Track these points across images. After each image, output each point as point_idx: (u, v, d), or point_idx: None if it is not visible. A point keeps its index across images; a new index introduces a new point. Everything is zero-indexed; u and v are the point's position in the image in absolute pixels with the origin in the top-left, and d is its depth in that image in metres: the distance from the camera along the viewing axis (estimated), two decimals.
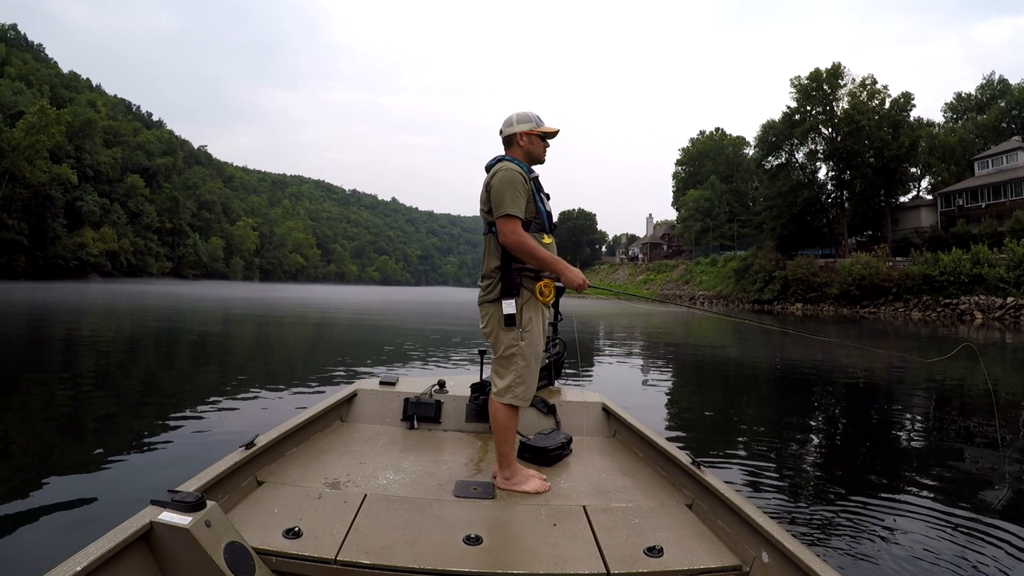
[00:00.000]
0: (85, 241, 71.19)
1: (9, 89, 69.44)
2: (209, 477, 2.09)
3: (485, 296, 2.54)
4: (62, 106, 73.29)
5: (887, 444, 5.37)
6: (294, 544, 1.92)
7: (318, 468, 2.65)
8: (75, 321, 16.90)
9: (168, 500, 1.67)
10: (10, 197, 60.69)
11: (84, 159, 75.10)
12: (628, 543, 2.05)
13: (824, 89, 46.12)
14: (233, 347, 12.15)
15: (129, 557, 1.56)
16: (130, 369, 8.72)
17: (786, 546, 1.79)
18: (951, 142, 51.91)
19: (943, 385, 9.09)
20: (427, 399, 3.43)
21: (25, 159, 60.48)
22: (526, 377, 2.51)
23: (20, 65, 79.62)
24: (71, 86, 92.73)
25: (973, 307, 29.90)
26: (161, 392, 6.98)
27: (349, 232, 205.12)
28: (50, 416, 5.47)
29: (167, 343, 12.33)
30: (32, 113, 61.95)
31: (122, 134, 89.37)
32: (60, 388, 6.84)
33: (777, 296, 41.92)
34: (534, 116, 2.63)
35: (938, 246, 36.02)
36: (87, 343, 11.79)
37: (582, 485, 2.62)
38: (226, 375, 8.57)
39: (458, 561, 1.88)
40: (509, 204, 2.39)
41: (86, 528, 2.64)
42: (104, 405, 6.11)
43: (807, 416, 6.91)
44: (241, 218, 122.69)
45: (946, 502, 3.70)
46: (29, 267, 62.76)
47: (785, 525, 3.06)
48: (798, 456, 5.00)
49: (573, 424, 3.32)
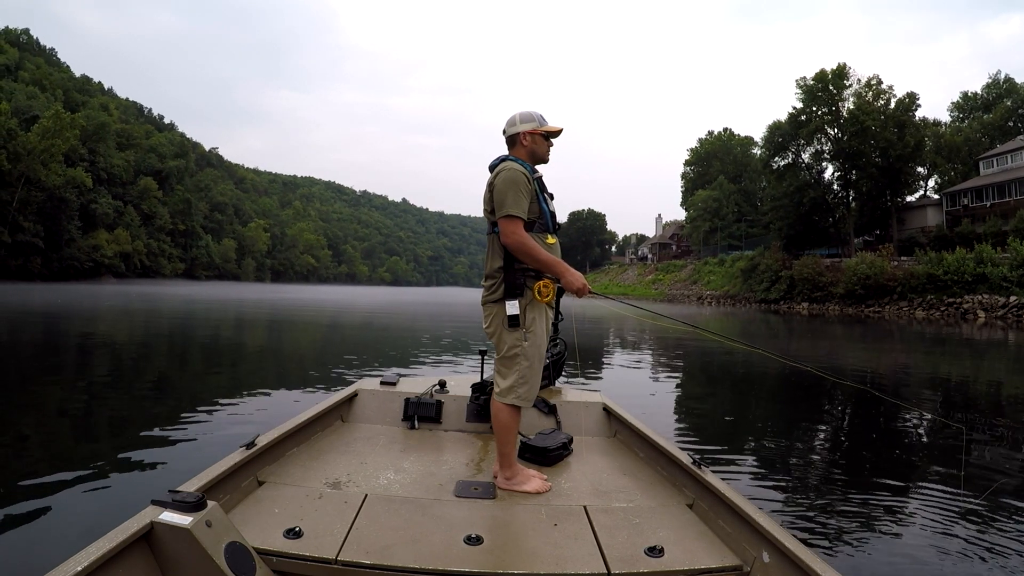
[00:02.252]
0: (99, 243, 72.00)
1: (24, 94, 70.38)
2: (210, 477, 2.10)
3: (488, 296, 2.54)
4: (75, 110, 74.21)
5: (888, 444, 5.32)
6: (295, 544, 1.92)
7: (319, 468, 2.65)
8: (82, 323, 17.05)
9: (169, 500, 1.67)
10: (26, 200, 61.51)
11: (98, 162, 75.97)
12: (629, 543, 2.05)
13: (830, 90, 46.17)
14: (237, 348, 12.20)
15: (130, 557, 1.57)
16: (133, 369, 8.78)
17: (787, 546, 1.78)
18: (957, 141, 51.89)
19: (944, 385, 9.01)
20: (428, 399, 3.43)
21: (40, 163, 61.28)
22: (529, 377, 2.51)
23: (33, 69, 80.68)
24: (83, 89, 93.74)
25: (976, 306, 29.95)
26: (163, 392, 7.02)
27: (360, 233, 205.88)
28: (51, 416, 5.50)
29: (173, 345, 12.39)
30: (47, 117, 62.81)
31: (134, 137, 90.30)
32: (61, 388, 6.90)
33: (783, 296, 42.10)
34: (537, 115, 2.62)
35: (943, 245, 36.04)
36: (91, 344, 11.90)
37: (583, 485, 2.61)
38: (228, 376, 8.61)
39: (459, 561, 1.88)
40: (511, 205, 2.39)
41: (87, 528, 2.65)
42: (105, 405, 6.15)
43: (808, 416, 6.88)
44: (253, 219, 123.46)
45: (947, 501, 3.68)
46: (45, 269, 63.51)
47: (786, 525, 3.04)
48: (799, 456, 4.98)
49: (574, 424, 3.31)
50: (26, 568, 2.42)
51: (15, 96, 67.63)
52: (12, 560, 2.54)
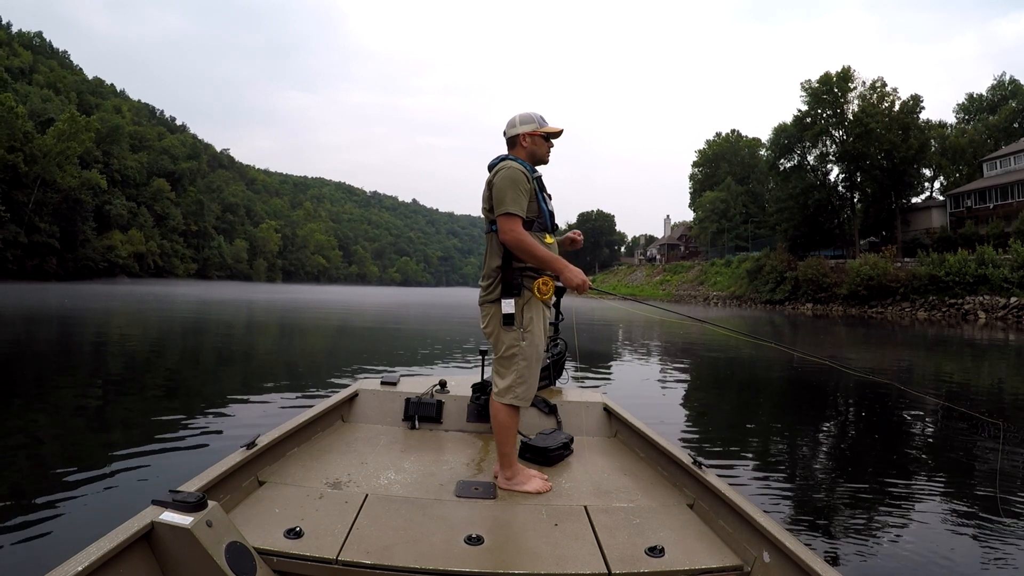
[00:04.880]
0: (114, 244, 72.96)
1: (38, 97, 71.40)
2: (210, 477, 2.11)
3: (486, 296, 2.54)
4: (89, 112, 75.25)
5: (889, 443, 5.30)
6: (295, 544, 1.92)
7: (319, 468, 2.65)
8: (89, 324, 17.20)
9: (169, 500, 1.67)
10: (42, 202, 62.42)
11: (112, 164, 76.99)
12: (629, 543, 2.04)
13: (834, 93, 46.18)
14: (240, 349, 12.22)
15: (130, 557, 1.57)
16: (134, 369, 8.81)
17: (787, 546, 1.78)
18: (962, 143, 51.82)
19: (945, 385, 8.93)
20: (428, 399, 3.43)
21: (56, 165, 62.20)
22: (527, 377, 2.51)
23: (47, 72, 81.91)
24: (96, 92, 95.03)
25: (977, 307, 30.08)
26: (163, 392, 7.03)
27: (370, 233, 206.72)
28: (51, 416, 5.53)
29: (178, 345, 12.42)
30: (63, 120, 63.75)
31: (147, 139, 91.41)
32: (61, 389, 6.96)
33: (788, 296, 42.32)
34: (537, 116, 2.62)
35: (946, 247, 36.10)
36: (93, 345, 11.98)
37: (583, 485, 2.61)
38: (229, 376, 8.64)
39: (459, 561, 1.88)
40: (510, 202, 2.39)
41: (87, 528, 2.64)
42: (105, 405, 6.19)
43: (808, 416, 6.85)
44: (264, 220, 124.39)
45: (948, 502, 3.67)
46: (60, 269, 64.42)
47: (786, 525, 3.03)
48: (800, 456, 4.96)
49: (574, 424, 3.31)
50: (26, 568, 2.43)
51: (30, 99, 68.63)
52: (12, 560, 2.55)
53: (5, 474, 3.78)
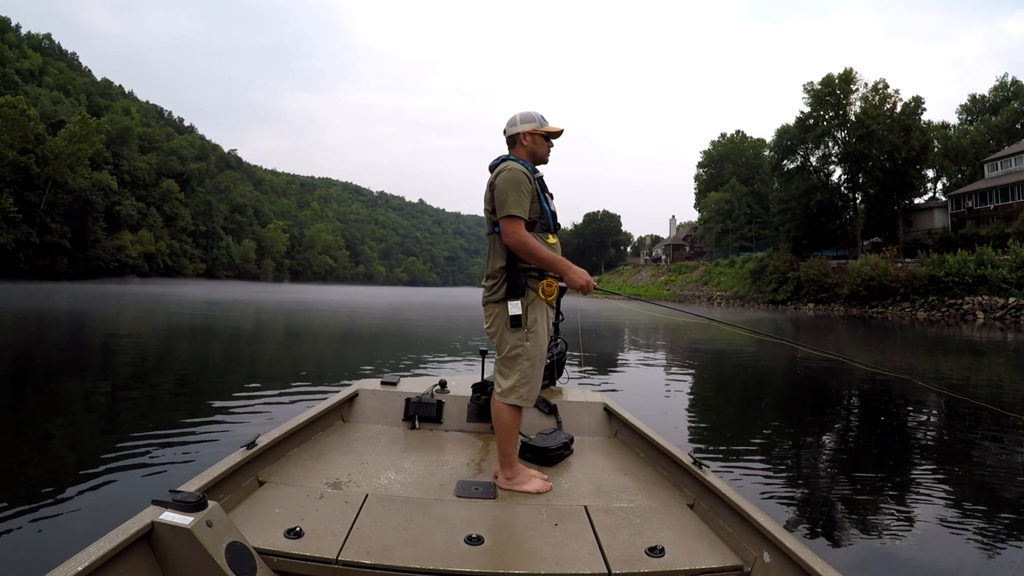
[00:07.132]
0: (124, 244, 73.65)
1: (49, 99, 72.04)
2: (210, 477, 2.11)
3: (490, 296, 2.54)
4: (98, 113, 75.93)
5: (889, 443, 5.27)
6: (295, 544, 1.93)
7: (319, 468, 2.66)
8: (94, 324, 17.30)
9: (169, 500, 1.68)
10: (53, 202, 63.08)
11: (122, 165, 77.69)
12: (629, 543, 2.04)
13: (836, 94, 46.09)
14: (243, 349, 12.22)
15: (130, 557, 1.57)
16: (135, 369, 8.82)
17: (788, 546, 1.77)
18: (964, 144, 51.64)
19: (946, 384, 8.86)
20: (428, 399, 3.43)
21: (67, 166, 62.83)
22: (531, 378, 2.51)
23: (57, 74, 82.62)
24: (105, 93, 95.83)
25: (976, 307, 30.13)
26: (164, 392, 7.04)
27: (377, 234, 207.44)
28: (51, 416, 5.55)
29: (182, 346, 12.43)
30: (74, 122, 64.37)
31: (156, 140, 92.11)
32: (62, 389, 6.99)
33: (791, 297, 42.41)
34: (537, 116, 2.61)
35: (947, 248, 36.05)
36: (95, 345, 12.03)
37: (583, 485, 2.61)
38: (230, 376, 8.65)
39: (459, 561, 1.88)
40: (512, 204, 2.38)
41: (87, 528, 2.66)
42: (106, 405, 6.20)
43: (809, 416, 6.82)
44: (272, 220, 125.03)
45: (948, 502, 3.65)
46: (71, 268, 65.14)
47: (787, 525, 3.02)
48: (800, 456, 4.94)
49: (574, 424, 3.30)
50: (26, 568, 2.43)
51: (40, 101, 69.26)
52: (13, 560, 2.56)
53: (5, 474, 3.79)
